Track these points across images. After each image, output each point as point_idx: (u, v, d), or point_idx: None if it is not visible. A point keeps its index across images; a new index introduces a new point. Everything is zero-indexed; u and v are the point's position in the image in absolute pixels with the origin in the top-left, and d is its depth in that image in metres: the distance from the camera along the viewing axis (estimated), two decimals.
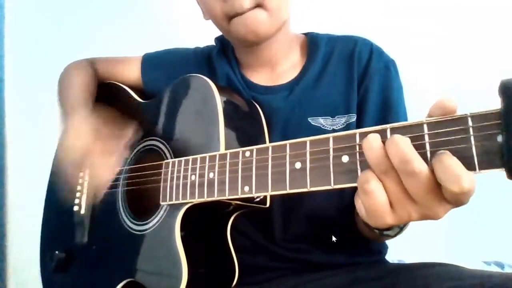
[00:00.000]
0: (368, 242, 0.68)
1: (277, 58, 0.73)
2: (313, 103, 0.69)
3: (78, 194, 0.76)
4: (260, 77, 0.74)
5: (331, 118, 0.67)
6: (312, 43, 0.74)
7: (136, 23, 1.33)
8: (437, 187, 0.34)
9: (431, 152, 0.35)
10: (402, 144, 0.34)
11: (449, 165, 0.32)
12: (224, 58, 0.78)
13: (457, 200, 0.34)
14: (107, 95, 0.82)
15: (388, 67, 0.70)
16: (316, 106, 0.69)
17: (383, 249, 0.73)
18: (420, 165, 0.34)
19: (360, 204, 0.39)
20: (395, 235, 0.53)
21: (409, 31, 1.30)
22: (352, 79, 0.69)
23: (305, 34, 0.78)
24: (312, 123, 0.68)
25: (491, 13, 1.27)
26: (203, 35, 0.79)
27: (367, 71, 0.69)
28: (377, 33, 0.78)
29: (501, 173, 0.32)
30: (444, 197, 0.34)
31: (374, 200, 0.37)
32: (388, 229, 0.50)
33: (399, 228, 0.49)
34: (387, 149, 0.35)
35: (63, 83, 0.82)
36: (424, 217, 0.37)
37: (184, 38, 0.96)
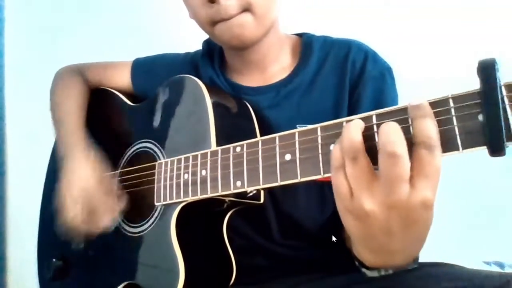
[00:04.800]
0: None
1: (268, 60, 0.72)
2: (303, 109, 0.68)
3: None
4: (249, 79, 0.73)
5: None
6: (307, 46, 0.72)
7: (134, 26, 1.34)
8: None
9: None
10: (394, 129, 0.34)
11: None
12: (208, 61, 0.78)
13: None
14: (98, 101, 0.83)
15: (383, 74, 0.68)
16: (306, 113, 0.67)
17: None
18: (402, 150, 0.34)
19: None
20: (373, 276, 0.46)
21: (410, 33, 1.29)
22: (344, 86, 0.67)
23: (300, 34, 0.76)
24: None
25: (491, 15, 1.27)
26: (197, 38, 0.80)
27: (360, 78, 0.67)
28: (376, 35, 0.76)
29: (489, 159, 0.33)
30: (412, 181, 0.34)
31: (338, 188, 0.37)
32: (370, 268, 0.46)
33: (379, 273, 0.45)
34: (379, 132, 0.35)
35: (56, 99, 0.82)
36: (390, 201, 0.35)
37: (178, 42, 0.97)
